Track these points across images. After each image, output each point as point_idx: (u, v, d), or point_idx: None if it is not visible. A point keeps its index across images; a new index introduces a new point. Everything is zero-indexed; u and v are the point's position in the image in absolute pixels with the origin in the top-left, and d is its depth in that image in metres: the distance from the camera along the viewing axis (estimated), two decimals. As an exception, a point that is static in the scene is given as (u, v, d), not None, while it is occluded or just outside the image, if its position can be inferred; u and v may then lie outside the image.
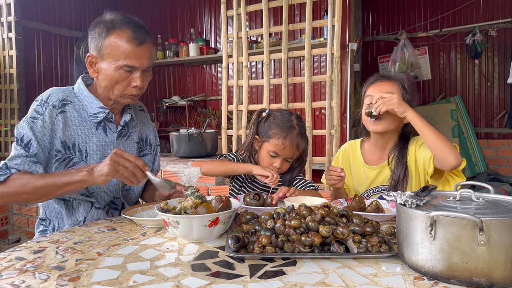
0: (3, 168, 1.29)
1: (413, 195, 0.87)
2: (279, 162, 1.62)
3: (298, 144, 1.61)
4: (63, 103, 1.40)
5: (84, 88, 1.45)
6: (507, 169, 4.45)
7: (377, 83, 1.62)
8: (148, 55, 1.38)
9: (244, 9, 3.06)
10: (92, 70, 1.41)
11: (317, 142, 3.92)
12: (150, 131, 1.66)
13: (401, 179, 1.58)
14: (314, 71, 4.20)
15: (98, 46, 1.37)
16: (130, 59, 1.33)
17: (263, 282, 0.79)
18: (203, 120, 4.35)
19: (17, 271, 0.88)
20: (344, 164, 1.77)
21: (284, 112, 1.70)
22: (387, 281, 0.80)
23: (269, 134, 1.63)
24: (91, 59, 1.40)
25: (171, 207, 1.17)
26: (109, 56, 1.34)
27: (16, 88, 4.02)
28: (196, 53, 4.75)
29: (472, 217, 0.73)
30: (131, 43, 1.33)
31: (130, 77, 1.37)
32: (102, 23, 1.37)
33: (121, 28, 1.34)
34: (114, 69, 1.35)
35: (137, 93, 1.41)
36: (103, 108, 1.43)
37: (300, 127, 1.64)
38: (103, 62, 1.37)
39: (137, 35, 1.34)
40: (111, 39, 1.33)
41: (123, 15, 1.38)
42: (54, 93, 1.41)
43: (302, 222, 0.98)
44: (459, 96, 4.60)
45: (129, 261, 0.92)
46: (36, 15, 4.41)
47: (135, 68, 1.35)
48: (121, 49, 1.33)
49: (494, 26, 4.34)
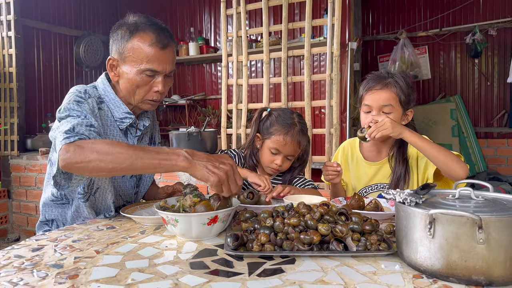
0: (71, 130, 1.13)
1: (412, 193, 0.87)
2: (280, 160, 1.62)
3: (299, 141, 1.62)
4: (100, 100, 1.36)
5: (111, 90, 1.39)
6: (506, 169, 4.45)
7: (374, 91, 1.57)
8: (171, 60, 1.34)
9: (243, 7, 3.05)
10: (113, 73, 1.36)
11: (316, 141, 3.92)
12: (155, 129, 1.65)
13: (403, 176, 1.59)
14: (313, 70, 4.20)
15: (120, 49, 1.32)
16: (153, 63, 1.29)
17: (262, 280, 0.79)
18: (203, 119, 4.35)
19: (16, 269, 0.87)
20: (343, 161, 1.78)
21: (285, 110, 1.71)
22: (386, 279, 0.80)
23: (270, 131, 1.64)
24: (112, 62, 1.35)
25: (170, 205, 1.17)
26: (131, 59, 1.30)
27: (15, 86, 4.02)
28: (196, 52, 4.74)
29: (471, 215, 0.73)
30: (154, 47, 1.29)
31: (152, 82, 1.33)
32: (125, 25, 1.32)
33: (145, 31, 1.30)
34: (136, 73, 1.30)
35: (158, 98, 1.37)
36: (130, 114, 1.39)
37: (301, 124, 1.65)
38: (125, 66, 1.32)
39: (161, 39, 1.30)
40: (134, 42, 1.29)
41: (147, 18, 1.35)
42: (89, 89, 1.35)
43: (301, 220, 0.98)
44: (459, 95, 4.59)
45: (127, 259, 0.92)
46: (35, 14, 4.40)
47: (158, 73, 1.32)
48: (144, 52, 1.29)
49: (494, 25, 4.34)
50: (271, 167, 1.65)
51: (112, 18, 5.37)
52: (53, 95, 4.57)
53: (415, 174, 1.61)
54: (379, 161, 1.67)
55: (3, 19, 4.01)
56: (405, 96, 1.57)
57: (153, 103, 1.38)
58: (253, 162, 1.72)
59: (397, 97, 1.55)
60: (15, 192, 4.10)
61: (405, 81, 1.59)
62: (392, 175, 1.62)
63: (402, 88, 1.56)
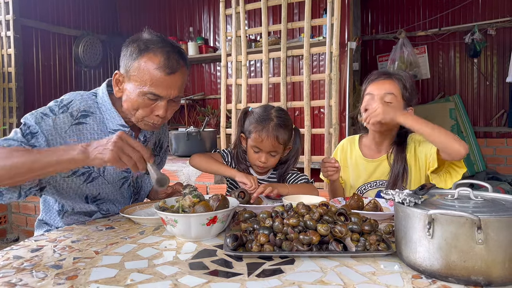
0: None
1: (411, 193, 0.87)
2: (263, 157, 1.62)
3: (277, 136, 1.59)
4: (83, 114, 1.31)
5: (108, 100, 1.35)
6: (505, 168, 4.46)
7: (378, 81, 1.61)
8: (178, 85, 1.28)
9: (243, 7, 3.05)
10: (117, 88, 1.32)
11: (316, 141, 3.92)
12: (164, 134, 1.62)
13: (401, 174, 1.59)
14: (313, 69, 4.19)
15: (127, 66, 1.27)
16: (156, 87, 1.24)
17: (261, 281, 0.79)
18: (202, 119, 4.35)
19: (15, 269, 0.87)
20: (342, 159, 1.78)
21: (265, 107, 1.69)
22: (385, 279, 0.80)
23: (249, 130, 1.64)
24: (118, 77, 1.30)
25: (169, 205, 1.17)
26: (136, 79, 1.25)
27: (14, 86, 4.01)
28: (195, 52, 4.74)
29: (470, 216, 0.73)
30: (161, 71, 1.23)
31: (154, 105, 1.27)
32: (136, 42, 1.27)
33: (154, 52, 1.24)
34: (138, 94, 1.25)
35: (159, 122, 1.31)
36: (124, 126, 1.35)
37: (279, 118, 1.61)
38: (129, 84, 1.27)
39: (170, 63, 1.24)
40: (141, 62, 1.24)
41: (161, 37, 1.29)
42: (77, 101, 1.32)
43: (300, 221, 0.98)
44: (458, 95, 4.60)
45: (127, 260, 0.92)
46: (34, 14, 4.40)
47: (161, 97, 1.26)
48: (149, 75, 1.23)
49: (493, 25, 4.35)
50: (257, 165, 1.65)
51: (111, 18, 5.36)
52: (52, 95, 4.55)
53: (413, 173, 1.62)
54: (377, 158, 1.68)
55: (2, 19, 4.00)
56: (408, 92, 1.59)
57: (153, 126, 1.33)
58: (245, 165, 1.72)
59: (400, 89, 1.58)
60: (14, 192, 4.08)
61: (409, 78, 1.62)
62: (390, 173, 1.62)
63: (405, 84, 1.59)
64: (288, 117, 1.68)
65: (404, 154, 1.62)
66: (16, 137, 1.21)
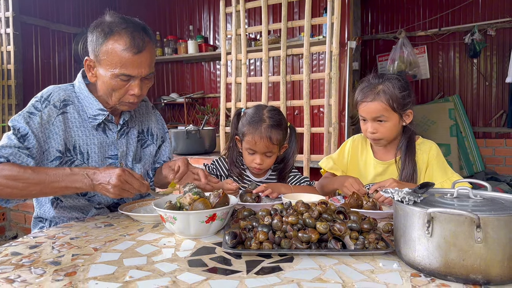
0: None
1: (410, 192, 0.87)
2: (258, 158, 1.61)
3: (270, 137, 1.58)
4: (64, 104, 1.36)
5: (85, 87, 1.40)
6: (504, 169, 4.46)
7: (365, 103, 1.58)
8: (148, 63, 1.31)
9: (243, 6, 3.05)
10: (90, 74, 1.36)
11: (315, 140, 3.92)
12: (151, 120, 1.61)
13: (410, 177, 1.59)
14: (312, 69, 4.19)
15: (95, 50, 1.31)
16: (127, 68, 1.27)
17: (260, 278, 0.79)
18: (201, 118, 4.35)
19: (13, 266, 0.87)
20: (351, 151, 1.77)
21: (257, 108, 1.67)
22: (384, 277, 0.80)
23: (243, 132, 1.63)
24: (89, 62, 1.35)
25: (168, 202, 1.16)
26: (106, 62, 1.28)
27: (13, 83, 4.01)
28: (195, 50, 4.73)
29: (470, 214, 0.73)
30: (128, 51, 1.26)
31: (128, 85, 1.31)
32: (100, 26, 1.30)
33: (119, 33, 1.27)
34: (110, 77, 1.29)
35: (135, 100, 1.36)
36: (103, 110, 1.39)
37: (271, 119, 1.60)
38: (100, 68, 1.31)
39: (136, 42, 1.26)
40: (108, 46, 1.27)
41: (123, 18, 1.31)
42: (55, 92, 1.36)
43: (299, 219, 0.98)
44: (457, 95, 4.60)
45: (125, 257, 0.92)
46: (34, 11, 4.39)
47: (133, 77, 1.30)
48: (118, 57, 1.26)
49: (493, 25, 4.34)
50: (252, 167, 1.65)
51: (111, 15, 5.35)
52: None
53: (422, 178, 1.62)
54: (387, 161, 1.67)
55: (2, 16, 4.00)
56: (397, 102, 1.55)
57: (130, 105, 1.38)
58: (241, 168, 1.71)
59: (388, 106, 1.54)
60: (13, 190, 4.08)
61: (399, 85, 1.56)
62: (400, 175, 1.61)
63: (392, 94, 1.54)
64: (281, 116, 1.66)
65: (413, 156, 1.62)
66: (11, 143, 1.25)
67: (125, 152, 1.48)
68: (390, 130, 1.59)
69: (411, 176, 1.59)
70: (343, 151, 1.79)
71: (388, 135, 1.60)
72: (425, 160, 1.63)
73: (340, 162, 1.78)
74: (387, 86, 1.56)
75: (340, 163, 1.78)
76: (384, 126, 1.57)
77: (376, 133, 1.59)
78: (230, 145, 1.75)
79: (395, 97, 1.54)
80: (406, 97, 1.57)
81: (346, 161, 1.77)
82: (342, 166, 1.77)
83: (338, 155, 1.80)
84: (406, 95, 1.57)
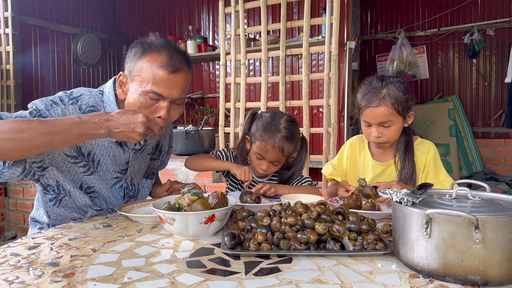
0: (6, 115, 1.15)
1: (409, 193, 0.87)
2: (265, 165, 1.61)
3: (283, 148, 1.58)
4: (91, 110, 1.30)
5: (113, 99, 1.34)
6: (503, 169, 4.46)
7: (371, 108, 1.54)
8: (181, 86, 1.26)
9: (242, 6, 3.05)
10: (121, 90, 1.31)
11: (314, 140, 3.92)
12: (165, 138, 1.60)
13: (409, 178, 1.59)
14: (312, 69, 4.20)
15: (130, 66, 1.27)
16: (158, 86, 1.22)
17: (259, 279, 0.79)
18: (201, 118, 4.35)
19: (12, 267, 0.87)
20: (350, 154, 1.77)
21: (275, 114, 1.67)
22: (383, 278, 0.80)
23: (256, 136, 1.63)
24: (122, 78, 1.30)
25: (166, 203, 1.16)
26: (138, 78, 1.24)
27: (13, 84, 4.00)
28: (194, 50, 4.73)
29: (468, 215, 0.73)
30: (163, 69, 1.22)
31: (156, 106, 1.25)
32: (140, 43, 1.27)
33: (158, 51, 1.23)
34: (140, 94, 1.23)
35: (161, 124, 1.26)
36: None
37: (287, 130, 1.60)
38: (132, 84, 1.26)
39: (173, 62, 1.23)
40: (144, 61, 1.23)
41: (165, 39, 1.29)
42: (86, 95, 1.32)
43: (298, 220, 0.98)
44: (456, 95, 4.60)
45: (124, 258, 0.92)
46: (33, 11, 4.39)
47: (163, 97, 1.24)
48: (152, 73, 1.22)
49: (492, 25, 4.35)
50: (257, 171, 1.66)
51: (111, 16, 5.35)
52: (50, 92, 4.51)
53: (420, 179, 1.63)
54: (385, 162, 1.67)
55: (1, 16, 3.99)
56: (402, 105, 1.53)
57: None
58: (246, 164, 1.72)
59: (394, 110, 1.53)
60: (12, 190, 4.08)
61: (401, 87, 1.55)
62: (399, 177, 1.61)
63: (398, 98, 1.52)
64: (297, 129, 1.65)
65: (412, 157, 1.62)
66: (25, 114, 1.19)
67: (136, 170, 1.47)
68: (395, 133, 1.58)
69: (410, 176, 1.59)
70: (342, 156, 1.79)
71: (393, 138, 1.60)
72: (423, 160, 1.63)
73: (339, 167, 1.78)
74: (391, 89, 1.53)
75: (340, 168, 1.78)
76: (390, 130, 1.56)
77: (381, 137, 1.58)
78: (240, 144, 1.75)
79: (400, 100, 1.53)
80: (409, 100, 1.57)
81: (345, 165, 1.77)
82: (342, 171, 1.77)
83: (338, 160, 1.80)
84: (409, 97, 1.57)
